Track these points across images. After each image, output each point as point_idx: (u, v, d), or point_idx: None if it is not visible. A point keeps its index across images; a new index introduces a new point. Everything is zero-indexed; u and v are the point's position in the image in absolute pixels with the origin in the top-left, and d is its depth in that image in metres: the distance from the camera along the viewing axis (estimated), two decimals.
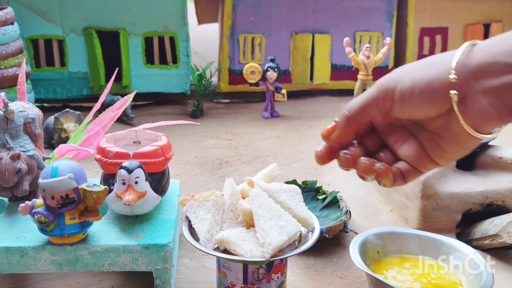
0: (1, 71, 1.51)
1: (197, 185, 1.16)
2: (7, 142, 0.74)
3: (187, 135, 1.59)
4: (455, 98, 0.37)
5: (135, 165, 0.68)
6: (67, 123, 1.38)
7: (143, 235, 0.69)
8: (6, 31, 1.52)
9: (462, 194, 0.88)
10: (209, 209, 0.62)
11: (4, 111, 0.74)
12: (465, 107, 0.38)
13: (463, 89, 0.37)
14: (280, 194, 0.63)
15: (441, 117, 0.40)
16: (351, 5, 2.03)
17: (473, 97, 0.37)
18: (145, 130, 0.84)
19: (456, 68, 0.37)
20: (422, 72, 0.39)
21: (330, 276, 0.79)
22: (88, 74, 1.88)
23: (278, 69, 1.76)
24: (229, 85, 2.04)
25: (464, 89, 0.37)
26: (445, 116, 0.39)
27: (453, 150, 0.41)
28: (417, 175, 0.44)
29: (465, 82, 0.37)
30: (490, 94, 0.37)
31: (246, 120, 1.81)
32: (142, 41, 1.89)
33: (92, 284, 0.75)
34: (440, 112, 0.39)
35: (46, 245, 0.66)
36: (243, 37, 2.00)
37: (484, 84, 0.37)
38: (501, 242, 0.80)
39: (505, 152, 0.95)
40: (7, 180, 0.71)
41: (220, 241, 0.58)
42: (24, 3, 1.78)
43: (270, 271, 0.59)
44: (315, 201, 0.99)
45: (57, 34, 1.84)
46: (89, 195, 0.62)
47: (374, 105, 0.43)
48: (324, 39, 2.04)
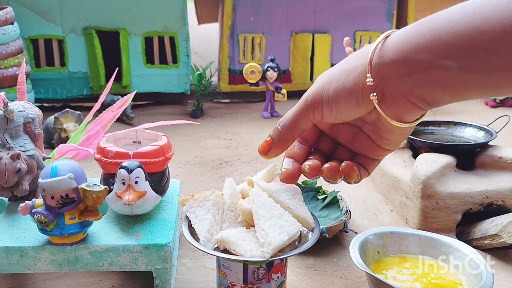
0: (1, 71, 1.51)
1: (197, 185, 1.16)
2: (7, 142, 0.74)
3: (187, 135, 1.59)
4: (375, 99, 0.40)
5: (135, 165, 0.68)
6: (67, 123, 1.38)
7: (143, 235, 0.69)
8: (6, 31, 1.52)
9: (462, 194, 0.88)
10: (209, 209, 0.62)
11: (4, 111, 0.74)
12: (385, 103, 0.41)
13: (380, 88, 0.40)
14: (280, 194, 0.63)
15: (372, 112, 0.42)
16: (351, 5, 2.03)
17: (391, 94, 0.40)
18: (145, 130, 0.84)
19: (371, 70, 0.40)
20: (342, 79, 0.42)
21: (330, 276, 0.79)
22: (88, 74, 1.88)
23: (278, 69, 1.76)
24: (229, 85, 2.04)
25: (382, 88, 0.40)
26: (374, 110, 0.42)
27: (391, 138, 0.45)
28: (376, 163, 0.48)
29: (381, 81, 0.40)
30: (405, 90, 0.39)
31: (246, 120, 1.81)
32: (142, 41, 1.89)
33: (92, 284, 0.75)
34: (368, 111, 0.42)
35: (46, 245, 0.66)
36: (243, 37, 2.00)
37: (398, 82, 0.39)
38: (501, 242, 0.80)
39: (505, 152, 0.94)
40: (7, 180, 0.71)
41: (220, 241, 0.58)
42: (24, 3, 1.78)
43: (270, 271, 0.59)
44: (315, 201, 0.99)
45: (57, 34, 1.84)
46: (89, 195, 0.62)
47: (305, 119, 0.45)
48: (324, 39, 2.04)
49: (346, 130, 0.48)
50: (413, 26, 0.38)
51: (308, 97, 0.44)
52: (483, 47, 0.34)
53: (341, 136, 0.48)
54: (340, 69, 0.43)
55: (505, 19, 0.32)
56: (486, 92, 0.37)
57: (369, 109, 0.42)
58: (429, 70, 0.37)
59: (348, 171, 0.45)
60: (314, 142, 0.50)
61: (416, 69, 0.37)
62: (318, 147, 0.49)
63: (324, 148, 0.49)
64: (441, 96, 0.38)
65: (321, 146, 0.49)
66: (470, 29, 0.34)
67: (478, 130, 1.04)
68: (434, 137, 1.07)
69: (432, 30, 0.36)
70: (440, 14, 0.37)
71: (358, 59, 0.41)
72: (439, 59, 0.36)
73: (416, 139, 1.02)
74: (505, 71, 0.34)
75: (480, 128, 1.04)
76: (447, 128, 1.09)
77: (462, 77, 0.36)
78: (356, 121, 0.46)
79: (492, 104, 1.97)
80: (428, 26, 0.37)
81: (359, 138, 0.47)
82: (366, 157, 0.47)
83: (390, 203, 1.03)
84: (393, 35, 0.40)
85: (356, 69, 0.41)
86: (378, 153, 0.47)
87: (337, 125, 0.48)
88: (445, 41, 0.35)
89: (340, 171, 0.45)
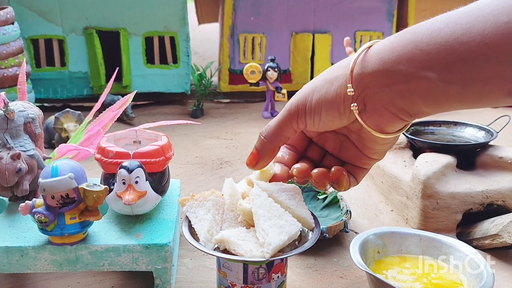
0: (1, 71, 1.51)
1: (197, 185, 1.16)
2: (7, 142, 0.74)
3: (188, 135, 1.59)
4: (356, 109, 0.40)
5: (135, 164, 0.68)
6: (68, 123, 1.39)
7: (143, 235, 0.69)
8: (6, 31, 1.52)
9: (463, 194, 0.88)
10: (209, 209, 0.62)
11: (5, 111, 0.74)
12: (366, 114, 0.40)
13: (361, 98, 0.40)
14: (280, 194, 0.63)
15: (355, 122, 0.42)
16: (352, 5, 2.03)
17: (372, 104, 0.40)
18: (145, 130, 0.84)
19: (352, 81, 0.40)
20: (324, 89, 0.42)
21: (331, 276, 0.79)
22: (88, 74, 1.88)
23: (278, 69, 1.76)
24: (229, 85, 2.04)
25: (363, 98, 0.40)
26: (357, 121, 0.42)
27: (375, 147, 0.45)
28: (364, 172, 0.48)
29: (362, 91, 0.40)
30: (386, 101, 0.39)
31: (247, 120, 1.81)
32: (143, 41, 1.89)
33: (92, 283, 0.75)
34: (350, 121, 0.42)
35: (46, 245, 0.66)
36: (244, 37, 2.00)
37: (379, 93, 0.39)
38: (501, 242, 0.80)
39: (505, 152, 0.94)
40: (7, 179, 0.71)
41: (220, 241, 0.58)
42: (24, 3, 1.78)
43: (270, 270, 0.59)
44: (315, 201, 0.99)
45: (57, 34, 1.84)
46: (89, 194, 0.62)
47: (287, 127, 0.45)
48: (325, 39, 2.04)
49: (333, 138, 0.48)
50: (395, 37, 0.38)
51: (291, 106, 0.45)
52: (464, 59, 0.33)
53: (329, 144, 0.49)
54: (323, 79, 0.43)
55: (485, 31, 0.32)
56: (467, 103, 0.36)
57: (351, 119, 0.42)
58: (410, 81, 0.37)
59: (337, 176, 0.45)
60: (302, 150, 0.50)
61: (397, 80, 0.37)
62: (307, 155, 0.50)
63: (312, 156, 0.50)
64: (421, 108, 0.38)
65: (310, 154, 0.50)
66: (451, 40, 0.34)
67: (479, 130, 1.04)
68: (434, 137, 1.07)
69: (413, 41, 0.36)
70: (422, 25, 0.37)
71: (340, 69, 0.41)
72: (420, 70, 0.36)
73: (417, 139, 1.02)
74: (485, 83, 0.34)
75: (480, 128, 1.04)
76: (447, 128, 1.09)
77: (442, 89, 0.36)
78: (343, 129, 0.46)
79: None
80: (410, 37, 0.37)
81: (346, 147, 0.47)
82: (354, 165, 0.47)
83: (390, 203, 1.03)
84: (376, 45, 0.40)
85: (338, 79, 0.41)
86: (365, 162, 0.47)
87: (324, 133, 0.48)
88: (426, 52, 0.35)
89: (330, 176, 0.46)
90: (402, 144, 1.09)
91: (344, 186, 0.46)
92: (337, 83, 0.41)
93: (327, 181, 0.46)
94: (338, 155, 0.48)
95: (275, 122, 0.46)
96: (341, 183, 0.46)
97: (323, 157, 0.50)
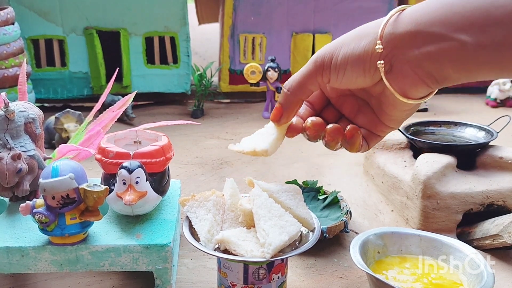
0: (1, 71, 1.51)
1: (198, 185, 1.16)
2: (7, 142, 0.74)
3: (188, 135, 1.59)
4: (382, 68, 0.40)
5: (136, 165, 0.68)
6: (68, 123, 1.39)
7: (144, 235, 0.69)
8: (6, 31, 1.52)
9: (463, 194, 0.88)
10: (209, 209, 0.62)
11: (5, 111, 0.74)
12: (392, 75, 0.40)
13: (389, 58, 0.39)
14: (281, 194, 0.63)
15: (377, 84, 0.42)
16: (352, 5, 2.03)
17: (399, 65, 0.39)
18: (145, 130, 0.84)
19: (382, 38, 0.39)
20: (352, 45, 0.41)
21: (331, 276, 0.79)
22: (88, 74, 1.88)
23: (278, 69, 1.76)
24: (229, 85, 2.04)
25: (390, 58, 0.39)
26: (380, 83, 0.41)
27: (394, 114, 0.44)
28: (378, 139, 0.47)
29: (391, 51, 0.39)
30: (414, 62, 0.38)
31: (247, 120, 1.81)
32: (143, 41, 1.89)
33: (93, 284, 0.75)
34: (374, 81, 0.42)
35: (47, 245, 0.66)
36: (244, 37, 2.00)
37: (408, 53, 0.38)
38: (502, 242, 0.80)
39: (505, 152, 0.94)
40: (7, 180, 0.72)
41: (221, 241, 0.58)
42: (24, 3, 1.78)
43: (270, 271, 0.59)
44: (315, 201, 0.99)
45: (57, 34, 1.84)
46: (89, 195, 0.62)
47: (312, 80, 0.45)
48: (325, 39, 2.04)
49: (352, 101, 0.47)
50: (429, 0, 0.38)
51: (317, 59, 0.44)
52: (499, 22, 0.33)
53: (346, 107, 0.48)
54: (352, 35, 0.42)
55: None
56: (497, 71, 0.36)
57: (375, 79, 0.41)
58: (441, 43, 0.36)
59: (352, 134, 0.45)
60: (319, 109, 0.49)
61: (428, 41, 0.37)
62: (322, 115, 0.49)
63: (327, 117, 0.49)
64: (450, 72, 0.38)
65: (325, 115, 0.49)
66: (486, 3, 0.34)
67: (479, 130, 1.04)
68: (434, 137, 1.07)
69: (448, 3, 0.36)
70: None
71: (371, 28, 0.41)
72: (453, 32, 0.35)
73: (417, 139, 1.02)
74: None
75: (480, 128, 1.04)
76: (447, 128, 1.09)
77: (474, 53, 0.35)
78: (362, 93, 0.46)
79: (493, 104, 1.97)
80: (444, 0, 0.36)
81: (364, 111, 0.47)
82: (368, 131, 0.47)
83: (390, 203, 1.03)
84: (408, 8, 0.40)
85: (367, 36, 0.40)
86: (381, 129, 0.46)
87: (343, 96, 0.48)
88: (460, 15, 0.35)
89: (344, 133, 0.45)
90: (402, 144, 1.09)
91: (356, 147, 0.45)
92: (366, 40, 0.40)
93: (341, 137, 0.45)
94: (354, 119, 0.48)
95: (300, 74, 0.45)
96: (354, 143, 0.45)
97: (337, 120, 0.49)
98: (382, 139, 0.48)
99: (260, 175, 1.23)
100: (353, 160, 1.31)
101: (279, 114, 0.47)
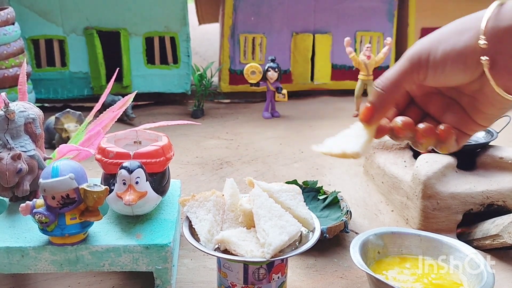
0: (2, 71, 1.51)
1: (198, 185, 1.16)
2: (8, 142, 0.74)
3: (188, 135, 1.59)
4: (487, 63, 0.38)
5: (136, 165, 0.68)
6: (68, 123, 1.39)
7: (144, 235, 0.69)
8: (7, 31, 1.52)
9: (463, 194, 0.88)
10: (209, 209, 0.62)
11: (5, 111, 0.74)
12: (495, 71, 0.38)
13: (492, 53, 0.38)
14: (281, 194, 0.63)
15: (475, 81, 0.40)
16: (352, 5, 2.03)
17: (503, 60, 0.38)
18: (145, 130, 0.84)
19: (485, 33, 0.38)
20: (452, 41, 0.40)
21: (331, 276, 0.79)
22: (89, 74, 1.88)
23: (278, 69, 1.76)
24: (229, 85, 2.04)
25: (494, 53, 0.38)
26: (479, 80, 0.40)
27: (490, 111, 0.42)
28: (467, 138, 0.45)
29: (495, 46, 0.38)
30: None
31: (247, 120, 1.81)
32: (143, 41, 1.89)
33: (93, 284, 0.75)
34: (473, 78, 0.40)
35: (47, 245, 0.66)
36: (244, 37, 2.00)
37: None
38: (502, 242, 0.80)
39: (506, 152, 0.94)
40: (8, 180, 0.72)
41: (221, 241, 0.58)
42: (25, 3, 1.78)
43: (270, 271, 0.59)
44: (315, 201, 0.99)
45: (58, 34, 1.84)
46: (89, 195, 0.62)
47: (407, 78, 0.43)
48: (325, 39, 2.04)
49: (439, 100, 0.45)
50: None
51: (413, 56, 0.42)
52: None
53: (432, 106, 0.46)
54: (449, 30, 0.41)
55: None
56: None
57: (475, 76, 0.40)
58: None
59: (446, 135, 0.43)
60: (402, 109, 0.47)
61: None
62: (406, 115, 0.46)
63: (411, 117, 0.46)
64: None
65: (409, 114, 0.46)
66: None
67: None
68: None
69: None
70: None
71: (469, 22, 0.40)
72: None
73: None
74: None
75: None
76: None
77: None
78: (452, 91, 0.44)
79: None
80: None
81: (452, 110, 0.45)
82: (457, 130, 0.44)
83: (390, 204, 1.03)
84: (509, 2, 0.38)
85: (468, 31, 0.39)
86: (471, 128, 0.44)
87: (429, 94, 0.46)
88: None
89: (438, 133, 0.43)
90: (402, 145, 1.09)
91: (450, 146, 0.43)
92: (468, 35, 0.39)
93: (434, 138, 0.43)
94: (441, 118, 0.45)
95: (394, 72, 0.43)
96: (450, 143, 0.43)
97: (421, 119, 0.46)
98: None
99: (260, 175, 1.23)
100: (353, 160, 1.31)
101: (370, 114, 0.44)
